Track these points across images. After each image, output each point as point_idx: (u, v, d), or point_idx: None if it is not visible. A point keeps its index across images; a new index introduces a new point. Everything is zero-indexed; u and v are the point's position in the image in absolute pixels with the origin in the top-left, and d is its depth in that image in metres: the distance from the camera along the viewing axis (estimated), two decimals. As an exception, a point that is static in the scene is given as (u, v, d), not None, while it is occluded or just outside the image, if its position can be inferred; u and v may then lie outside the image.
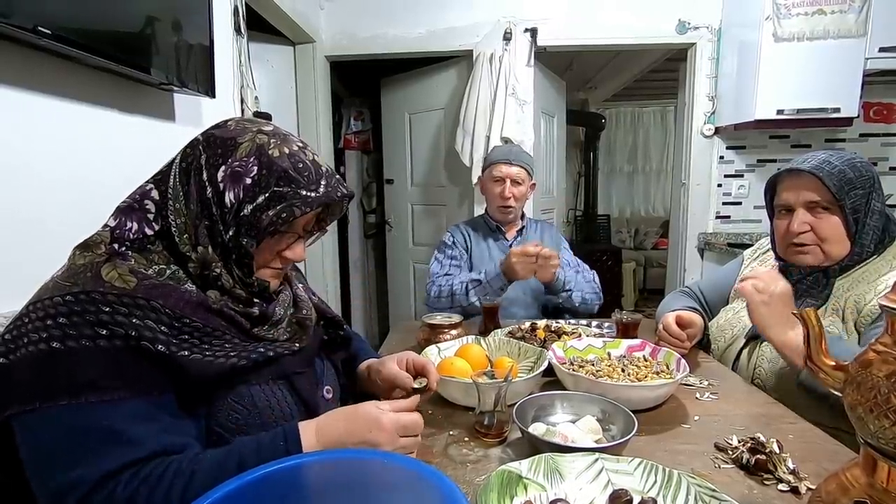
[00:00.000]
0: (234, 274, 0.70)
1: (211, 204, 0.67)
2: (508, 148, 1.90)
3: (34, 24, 0.88)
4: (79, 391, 0.56)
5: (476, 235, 1.85)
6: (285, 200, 0.68)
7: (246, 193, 0.67)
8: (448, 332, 1.24)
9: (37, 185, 1.03)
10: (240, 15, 1.80)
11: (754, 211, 2.83)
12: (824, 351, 0.56)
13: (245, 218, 0.67)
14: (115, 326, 0.59)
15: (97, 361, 0.57)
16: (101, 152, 1.19)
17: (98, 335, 0.58)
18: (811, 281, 1.09)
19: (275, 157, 0.68)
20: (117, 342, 0.58)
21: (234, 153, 0.68)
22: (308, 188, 0.69)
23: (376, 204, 3.94)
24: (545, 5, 2.70)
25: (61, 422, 0.56)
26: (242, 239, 0.68)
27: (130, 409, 0.59)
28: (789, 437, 0.79)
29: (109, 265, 0.63)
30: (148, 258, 0.67)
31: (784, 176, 1.10)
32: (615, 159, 6.40)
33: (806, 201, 1.05)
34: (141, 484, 0.56)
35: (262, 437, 0.64)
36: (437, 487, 0.50)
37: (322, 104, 2.80)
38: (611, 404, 0.82)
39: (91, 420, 0.57)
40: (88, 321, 0.58)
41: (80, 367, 0.57)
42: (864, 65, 2.29)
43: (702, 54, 2.72)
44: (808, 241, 1.06)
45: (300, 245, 0.77)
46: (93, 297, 0.59)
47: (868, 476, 0.52)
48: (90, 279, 0.62)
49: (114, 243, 0.66)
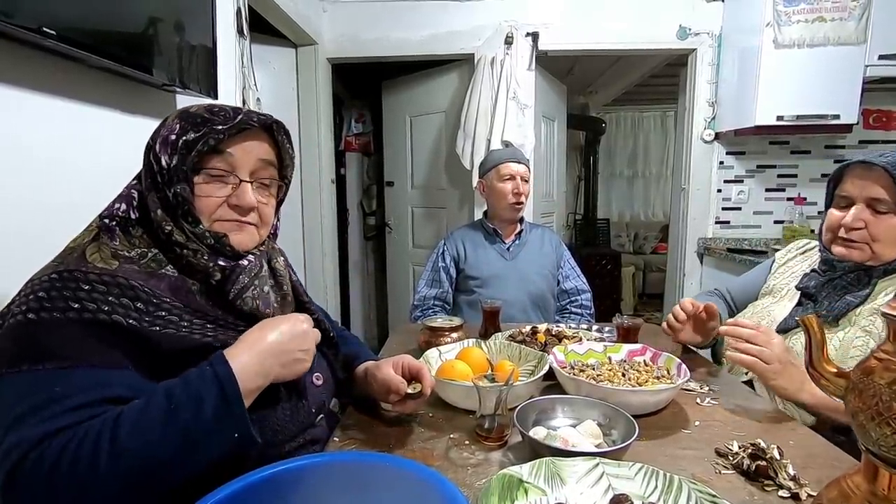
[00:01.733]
0: (184, 228, 0.71)
1: (156, 174, 0.71)
2: (511, 149, 1.90)
3: (38, 25, 0.88)
4: (40, 358, 0.59)
5: (473, 242, 1.85)
6: (203, 138, 0.71)
7: (172, 148, 0.71)
8: (449, 335, 1.24)
9: (39, 184, 1.03)
10: (242, 17, 1.80)
11: (754, 216, 2.84)
12: (826, 357, 0.56)
13: (174, 168, 0.71)
14: (88, 302, 0.61)
15: (62, 332, 0.60)
16: (104, 152, 1.19)
17: (69, 308, 0.61)
18: (852, 278, 1.04)
19: (193, 110, 0.74)
20: (86, 315, 0.61)
21: (165, 123, 0.74)
22: (223, 123, 0.73)
23: (376, 206, 3.94)
24: (547, 10, 2.71)
25: (19, 386, 0.58)
26: (177, 187, 0.71)
27: (82, 377, 0.60)
28: (790, 444, 0.79)
29: (94, 246, 0.68)
30: (130, 241, 0.71)
31: (854, 167, 1.03)
32: (615, 163, 6.41)
33: (869, 197, 0.99)
34: (70, 440, 0.56)
35: (189, 371, 0.64)
36: (438, 490, 0.50)
37: (323, 106, 2.81)
38: (612, 409, 0.82)
39: (43, 386, 0.58)
40: (64, 296, 0.61)
41: (45, 336, 0.60)
42: (863, 72, 2.30)
43: (702, 60, 2.73)
44: (858, 238, 1.01)
45: (245, 190, 0.75)
46: (74, 276, 0.63)
47: (869, 483, 0.52)
48: (75, 259, 0.66)
49: (105, 218, 0.71)
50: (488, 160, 1.87)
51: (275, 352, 0.69)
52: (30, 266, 0.68)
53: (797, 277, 1.19)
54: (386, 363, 0.88)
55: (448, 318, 1.30)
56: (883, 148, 2.74)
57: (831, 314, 1.02)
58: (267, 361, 0.67)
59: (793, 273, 1.22)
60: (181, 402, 0.59)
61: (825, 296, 1.07)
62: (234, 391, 0.62)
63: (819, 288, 1.08)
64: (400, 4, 2.74)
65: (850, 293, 1.03)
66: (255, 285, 0.76)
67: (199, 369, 0.63)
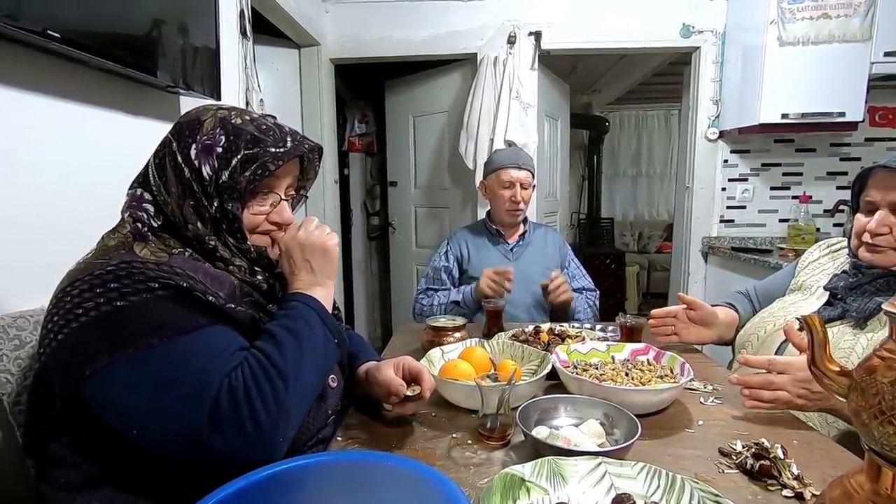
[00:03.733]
0: (228, 244, 0.74)
1: (191, 182, 0.71)
2: (514, 151, 1.89)
3: (43, 28, 0.89)
4: (160, 330, 0.60)
5: (476, 243, 1.85)
6: (258, 160, 0.72)
7: (220, 162, 0.71)
8: (452, 335, 1.24)
9: (44, 186, 1.03)
10: (245, 18, 1.81)
11: (758, 215, 2.83)
12: (828, 356, 0.56)
13: (225, 184, 0.71)
14: (165, 279, 0.62)
15: (164, 306, 0.61)
16: (108, 154, 1.20)
17: (152, 289, 0.61)
18: (882, 283, 1.03)
19: (238, 124, 0.74)
20: (171, 291, 0.62)
21: (201, 130, 0.72)
22: (276, 145, 0.74)
23: (380, 206, 3.95)
24: (549, 9, 2.71)
25: (156, 359, 0.60)
26: (227, 205, 0.72)
27: (210, 334, 0.64)
28: (794, 443, 0.79)
29: (140, 244, 0.68)
30: (165, 242, 0.71)
31: (877, 171, 1.02)
32: (619, 163, 6.39)
33: (892, 202, 0.99)
34: (243, 372, 0.62)
35: (286, 310, 0.72)
36: (440, 490, 0.50)
37: (326, 107, 2.81)
38: (614, 408, 0.82)
39: (183, 349, 0.61)
40: (139, 280, 0.61)
41: (151, 313, 0.61)
42: (869, 69, 2.28)
43: (706, 58, 2.72)
44: (883, 243, 1.00)
45: (284, 207, 0.81)
46: (135, 266, 0.63)
47: (872, 482, 0.52)
48: (125, 255, 0.65)
49: (136, 223, 0.70)
50: (491, 162, 1.86)
51: (319, 263, 0.77)
52: (35, 267, 0.69)
53: (827, 276, 1.17)
54: (387, 364, 0.89)
55: (451, 318, 1.30)
56: (889, 145, 2.73)
57: (862, 315, 1.01)
58: (323, 278, 0.77)
59: (824, 271, 1.20)
60: (303, 333, 0.69)
61: (854, 298, 1.05)
62: (326, 312, 0.74)
63: (847, 290, 1.07)
64: (402, 4, 2.75)
65: (880, 295, 1.02)
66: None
67: (295, 308, 0.72)
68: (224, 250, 0.73)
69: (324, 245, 0.77)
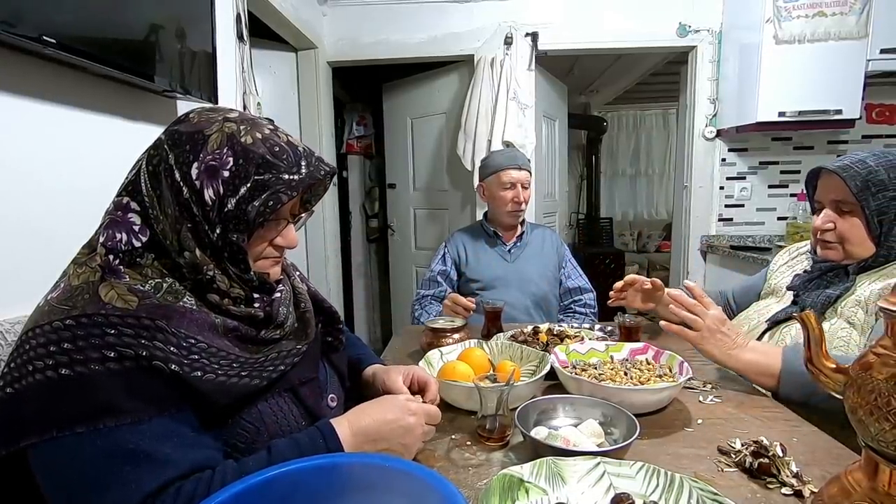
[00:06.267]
0: (229, 273, 0.66)
1: (190, 205, 0.63)
2: (512, 153, 1.89)
3: (39, 34, 0.89)
4: (95, 416, 0.54)
5: (474, 244, 1.85)
6: (269, 188, 0.64)
7: (226, 187, 0.63)
8: (450, 336, 1.24)
9: (41, 192, 1.04)
10: (242, 22, 1.81)
11: (757, 213, 2.83)
12: (824, 353, 0.56)
13: (230, 213, 0.63)
14: (122, 348, 0.56)
15: (110, 384, 0.55)
16: (105, 159, 1.20)
17: (107, 358, 0.55)
18: (832, 276, 1.10)
19: (248, 144, 0.65)
20: (127, 363, 0.56)
21: (205, 147, 0.64)
22: (290, 171, 0.66)
23: (379, 208, 3.95)
24: (546, 10, 2.71)
25: (83, 449, 0.54)
26: (232, 235, 0.64)
27: (152, 428, 0.56)
28: (793, 441, 0.79)
29: (106, 285, 0.60)
30: (141, 272, 0.63)
31: (821, 174, 1.10)
32: (617, 162, 6.40)
33: (831, 200, 1.06)
34: (187, 502, 0.54)
35: (300, 438, 0.64)
36: (439, 491, 0.50)
37: (324, 110, 2.82)
38: (613, 408, 0.82)
39: (113, 444, 0.54)
40: (94, 345, 0.55)
41: (92, 391, 0.54)
42: (865, 66, 2.29)
43: (703, 57, 2.72)
44: (831, 238, 1.07)
45: (290, 230, 0.74)
46: (95, 321, 0.56)
47: (870, 479, 0.52)
48: (89, 301, 0.59)
49: (108, 255, 0.62)
50: (488, 164, 1.86)
51: (372, 439, 0.69)
52: (31, 274, 0.68)
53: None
54: (396, 371, 0.88)
55: (450, 320, 1.30)
56: (887, 142, 2.74)
57: (815, 308, 1.07)
58: (364, 447, 0.68)
59: (794, 272, 1.25)
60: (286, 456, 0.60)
61: (808, 294, 1.12)
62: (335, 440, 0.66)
63: (803, 286, 1.14)
64: (399, 7, 2.75)
65: (831, 287, 1.09)
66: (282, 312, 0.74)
67: (312, 440, 0.64)
68: (222, 280, 0.65)
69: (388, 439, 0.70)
